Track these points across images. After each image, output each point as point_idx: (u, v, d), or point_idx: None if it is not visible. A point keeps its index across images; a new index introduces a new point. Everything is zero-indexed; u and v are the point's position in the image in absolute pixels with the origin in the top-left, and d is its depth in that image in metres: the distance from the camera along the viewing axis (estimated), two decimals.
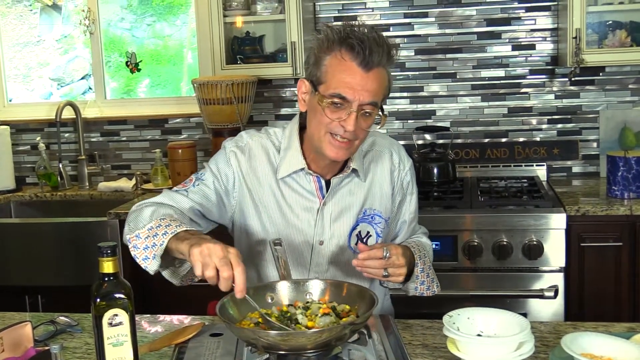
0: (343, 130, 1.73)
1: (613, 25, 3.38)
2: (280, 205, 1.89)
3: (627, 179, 3.00)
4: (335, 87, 1.71)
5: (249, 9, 3.56)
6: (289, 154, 1.87)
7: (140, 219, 1.74)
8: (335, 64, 1.73)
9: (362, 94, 1.70)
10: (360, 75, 1.70)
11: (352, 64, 1.71)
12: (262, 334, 1.43)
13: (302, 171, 1.87)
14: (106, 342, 1.40)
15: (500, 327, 1.55)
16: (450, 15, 3.62)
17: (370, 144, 1.97)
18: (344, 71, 1.71)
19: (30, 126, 4.05)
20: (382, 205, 1.95)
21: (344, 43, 1.72)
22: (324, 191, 1.88)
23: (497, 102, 3.64)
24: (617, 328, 1.73)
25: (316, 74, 1.76)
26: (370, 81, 1.71)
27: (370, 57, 1.69)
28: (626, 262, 2.91)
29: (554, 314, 2.91)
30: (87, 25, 3.94)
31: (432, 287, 1.94)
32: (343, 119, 1.72)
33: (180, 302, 2.52)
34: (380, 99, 1.75)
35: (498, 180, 3.49)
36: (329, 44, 1.74)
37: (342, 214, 1.90)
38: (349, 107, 1.71)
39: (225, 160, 1.91)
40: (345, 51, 1.71)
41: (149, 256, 1.64)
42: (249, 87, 3.40)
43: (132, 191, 3.70)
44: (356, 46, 1.69)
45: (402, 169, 1.99)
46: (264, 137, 1.94)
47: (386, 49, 1.72)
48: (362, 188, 1.92)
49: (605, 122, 3.53)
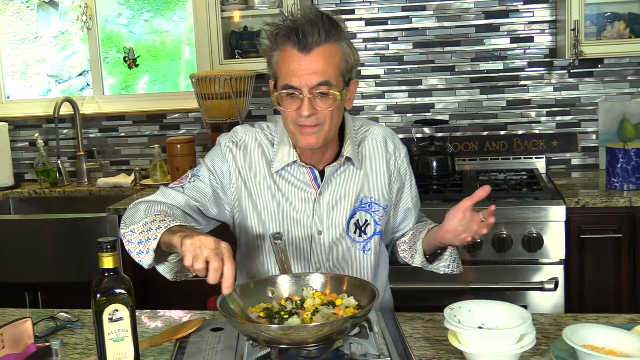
0: (304, 118, 1.74)
1: (611, 16, 3.37)
2: (277, 198, 1.89)
3: (626, 170, 3.00)
4: (283, 79, 1.74)
5: (247, 4, 3.55)
6: (282, 147, 1.89)
7: (135, 215, 1.75)
8: (280, 57, 1.76)
9: (308, 78, 1.71)
10: (300, 59, 1.71)
11: (292, 52, 1.73)
12: (263, 328, 1.43)
13: (294, 163, 1.88)
14: (107, 338, 1.40)
15: (501, 320, 1.55)
16: (448, 8, 3.61)
17: (364, 132, 1.98)
18: (286, 61, 1.73)
19: (29, 122, 4.05)
20: (379, 192, 1.95)
21: (281, 35, 1.74)
22: (318, 181, 1.89)
23: (496, 95, 3.63)
24: (618, 319, 1.73)
25: (272, 72, 1.80)
26: (313, 62, 1.71)
27: (304, 40, 1.70)
28: (626, 254, 2.91)
29: (554, 306, 2.91)
30: (84, 21, 3.93)
31: (460, 265, 1.99)
32: (299, 106, 1.73)
33: (180, 297, 2.52)
34: (335, 76, 1.74)
35: (497, 173, 3.48)
36: (271, 41, 1.77)
37: (338, 203, 1.91)
38: (300, 94, 1.72)
39: (220, 155, 1.92)
40: (283, 42, 1.74)
41: (143, 250, 1.66)
42: (247, 82, 3.40)
43: (130, 187, 3.69)
44: (290, 34, 1.71)
45: (397, 156, 1.99)
46: (258, 132, 1.95)
47: (325, 25, 1.72)
48: (358, 176, 1.93)
49: (604, 114, 3.53)
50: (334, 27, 1.73)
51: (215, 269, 1.45)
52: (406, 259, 2.01)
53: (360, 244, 1.93)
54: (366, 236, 1.93)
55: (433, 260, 1.96)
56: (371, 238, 1.94)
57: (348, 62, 1.77)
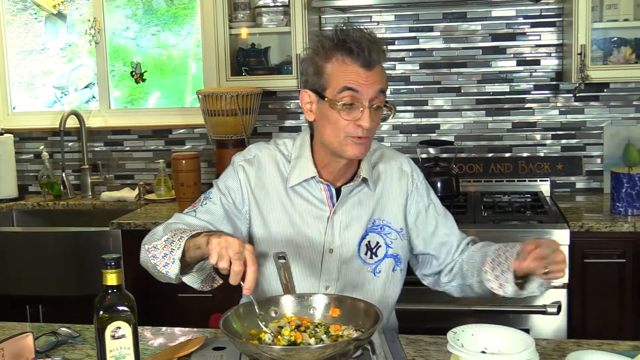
0: (361, 130, 1.76)
1: (618, 42, 3.38)
2: (290, 214, 1.90)
3: (630, 195, 3.00)
4: (343, 88, 1.75)
5: (255, 21, 3.57)
6: (300, 162, 1.89)
7: (154, 236, 1.80)
8: (337, 68, 1.76)
9: (371, 90, 1.75)
10: (365, 74, 1.75)
11: (354, 67, 1.74)
12: (266, 348, 1.42)
13: (313, 179, 1.88)
14: (109, 355, 1.39)
15: (505, 344, 1.54)
16: (456, 30, 3.63)
17: (379, 155, 1.99)
18: (348, 74, 1.75)
19: (34, 135, 4.06)
20: (393, 215, 1.95)
21: (341, 48, 1.75)
22: (334, 200, 1.90)
23: (502, 117, 3.64)
24: (622, 346, 1.72)
25: (319, 82, 1.79)
26: (373, 78, 1.76)
27: (370, 57, 1.74)
28: (629, 279, 2.90)
29: (556, 330, 2.89)
30: (92, 35, 3.95)
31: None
32: (358, 117, 1.75)
33: (182, 313, 2.52)
34: (385, 91, 1.80)
35: (502, 195, 3.48)
36: (326, 52, 1.78)
37: (351, 223, 1.91)
38: (360, 105, 1.74)
39: (233, 175, 1.94)
40: (345, 55, 1.75)
41: (169, 262, 1.69)
42: (253, 99, 3.41)
43: (135, 201, 3.69)
44: (355, 49, 1.73)
45: (416, 177, 2.00)
46: (273, 149, 1.96)
47: (380, 47, 1.77)
48: (372, 198, 1.93)
49: (609, 138, 3.53)
50: (385, 51, 1.79)
51: (236, 273, 1.50)
52: (494, 290, 1.84)
53: (371, 265, 1.93)
54: (377, 258, 1.93)
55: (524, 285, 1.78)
56: (382, 260, 1.93)
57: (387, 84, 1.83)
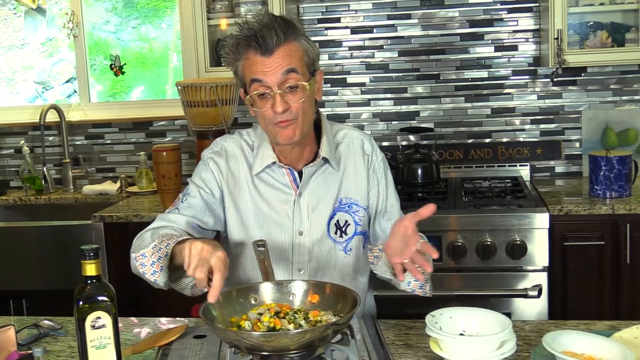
0: (279, 115, 1.78)
1: (594, 26, 3.41)
2: (257, 201, 1.93)
3: (609, 178, 3.03)
4: (251, 82, 1.79)
5: (233, 12, 3.56)
6: (261, 150, 1.93)
7: (143, 242, 1.80)
8: (244, 64, 1.81)
9: (275, 74, 1.77)
10: (264, 61, 1.77)
11: (255, 58, 1.78)
12: (245, 335, 1.44)
13: (274, 165, 1.91)
14: (89, 345, 1.40)
15: (483, 326, 1.56)
16: (433, 17, 3.64)
17: (343, 135, 2.01)
18: (252, 66, 1.79)
19: (14, 130, 4.04)
20: (359, 193, 1.97)
21: (243, 44, 1.80)
22: (298, 182, 1.92)
23: (481, 103, 3.66)
24: (599, 326, 1.75)
25: (241, 81, 1.85)
26: (277, 60, 1.77)
27: (264, 43, 1.76)
28: (608, 261, 2.94)
29: (538, 313, 2.93)
30: (70, 29, 3.93)
31: (425, 287, 1.86)
32: (272, 104, 1.77)
33: (165, 304, 2.52)
34: (300, 67, 1.79)
35: (482, 181, 3.50)
36: (234, 53, 1.83)
37: (318, 204, 1.93)
38: (270, 91, 1.77)
39: (205, 167, 1.97)
40: (245, 51, 1.80)
41: (157, 270, 1.69)
42: (233, 90, 3.40)
43: (116, 194, 3.69)
44: (252, 41, 1.77)
45: (375, 159, 2.01)
46: (238, 138, 2.00)
47: (281, 26, 1.77)
48: (336, 177, 1.95)
49: (587, 122, 3.56)
50: (290, 27, 1.79)
51: (199, 279, 1.49)
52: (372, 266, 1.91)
53: (342, 244, 1.95)
54: (347, 237, 1.95)
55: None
56: (352, 238, 1.96)
57: (309, 56, 1.83)
